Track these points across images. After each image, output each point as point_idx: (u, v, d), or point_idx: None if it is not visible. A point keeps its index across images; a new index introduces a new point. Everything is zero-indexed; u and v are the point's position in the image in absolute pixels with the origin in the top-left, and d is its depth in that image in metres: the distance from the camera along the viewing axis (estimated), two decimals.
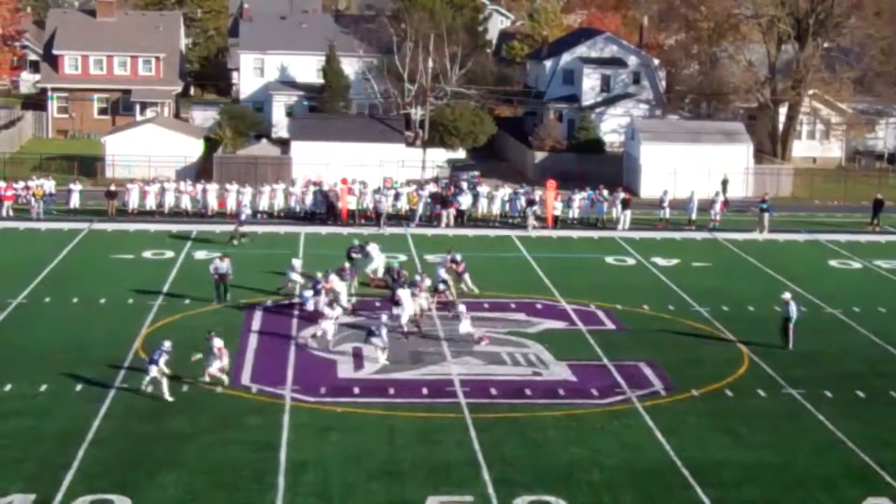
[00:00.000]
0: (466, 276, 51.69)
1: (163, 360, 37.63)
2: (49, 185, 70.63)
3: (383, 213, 67.64)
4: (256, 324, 46.50)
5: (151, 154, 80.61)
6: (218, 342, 38.65)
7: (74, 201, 70.13)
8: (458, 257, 52.10)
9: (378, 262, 53.22)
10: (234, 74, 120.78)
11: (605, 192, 71.28)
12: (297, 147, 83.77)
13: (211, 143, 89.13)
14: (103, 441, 33.67)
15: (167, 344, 38.23)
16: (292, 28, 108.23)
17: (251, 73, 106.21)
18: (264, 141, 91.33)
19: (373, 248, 53.75)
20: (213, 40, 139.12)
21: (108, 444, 33.49)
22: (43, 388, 38.07)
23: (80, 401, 37.01)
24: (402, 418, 36.18)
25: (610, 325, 47.83)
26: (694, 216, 70.38)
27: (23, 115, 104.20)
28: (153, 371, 37.52)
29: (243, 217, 62.41)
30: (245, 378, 39.69)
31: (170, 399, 37.18)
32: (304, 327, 45.58)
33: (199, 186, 71.33)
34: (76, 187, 71.23)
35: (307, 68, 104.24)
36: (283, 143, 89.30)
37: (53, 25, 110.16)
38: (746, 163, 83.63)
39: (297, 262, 51.12)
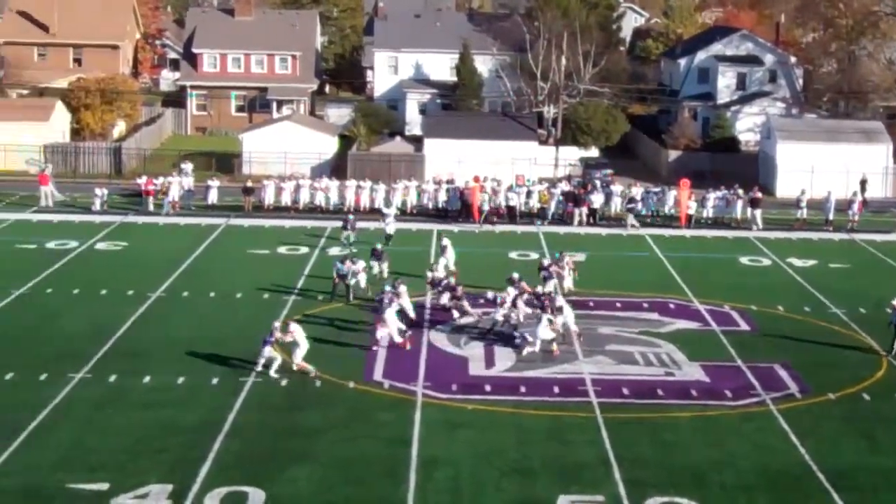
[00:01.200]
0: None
1: (275, 337, 38.83)
2: (188, 181, 71.88)
3: (485, 210, 67.72)
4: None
5: (287, 151, 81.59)
6: (278, 329, 39.47)
7: (212, 197, 71.29)
8: (547, 263, 51.39)
9: (450, 258, 52.74)
10: (369, 72, 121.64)
11: (741, 192, 70.57)
12: (430, 144, 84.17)
13: (345, 141, 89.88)
14: (239, 433, 34.17)
15: (277, 324, 39.33)
16: (426, 26, 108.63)
17: (385, 70, 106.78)
18: (398, 138, 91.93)
19: (447, 244, 53.58)
20: (349, 38, 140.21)
21: (243, 436, 33.98)
22: (180, 380, 38.74)
23: (217, 393, 37.59)
24: (533, 416, 36.17)
25: (744, 326, 47.32)
26: (831, 216, 69.36)
27: (163, 112, 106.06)
28: (267, 351, 38.79)
29: (352, 218, 61.88)
30: (377, 374, 39.99)
31: (274, 375, 38.41)
32: (436, 325, 45.84)
33: (334, 183, 72.05)
34: (214, 183, 72.38)
35: (441, 66, 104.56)
36: (417, 141, 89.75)
37: (193, 24, 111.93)
38: (886, 163, 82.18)
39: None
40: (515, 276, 46.74)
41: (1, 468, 31.25)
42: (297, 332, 39.47)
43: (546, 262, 51.30)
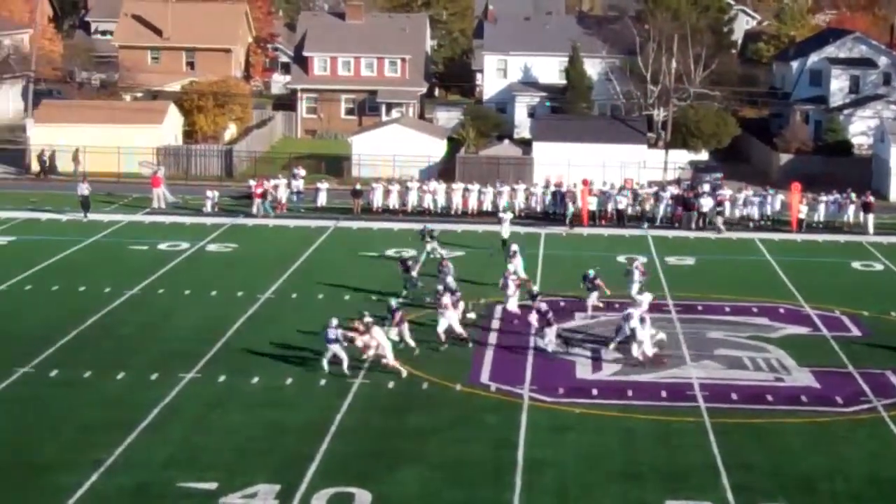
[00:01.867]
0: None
1: (337, 334, 39.42)
2: (297, 183, 72.53)
3: (569, 214, 67.35)
4: (496, 323, 46.75)
5: (396, 154, 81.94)
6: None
7: (321, 199, 71.82)
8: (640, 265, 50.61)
9: (518, 265, 51.53)
10: (478, 75, 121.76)
11: (853, 196, 69.65)
12: (539, 148, 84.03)
13: (454, 144, 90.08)
14: (345, 434, 34.38)
15: (334, 321, 39.76)
16: (536, 29, 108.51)
17: (494, 74, 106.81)
18: (506, 142, 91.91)
19: (516, 249, 52.66)
20: (458, 42, 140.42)
21: (350, 437, 34.19)
22: (289, 381, 39.06)
23: (324, 394, 37.85)
24: (641, 421, 36.00)
25: (855, 332, 46.64)
26: None
27: (274, 115, 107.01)
28: (335, 349, 39.36)
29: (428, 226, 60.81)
30: (484, 376, 40.02)
31: (347, 373, 39.04)
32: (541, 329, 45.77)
33: (441, 186, 72.23)
34: (323, 186, 72.97)
35: (550, 69, 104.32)
36: (525, 144, 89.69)
37: (304, 28, 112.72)
38: None
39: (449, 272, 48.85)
40: (535, 289, 46.43)
41: (113, 466, 31.75)
42: (377, 334, 39.71)
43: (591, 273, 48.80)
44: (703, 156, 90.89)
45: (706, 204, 68.59)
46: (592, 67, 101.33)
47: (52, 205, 69.82)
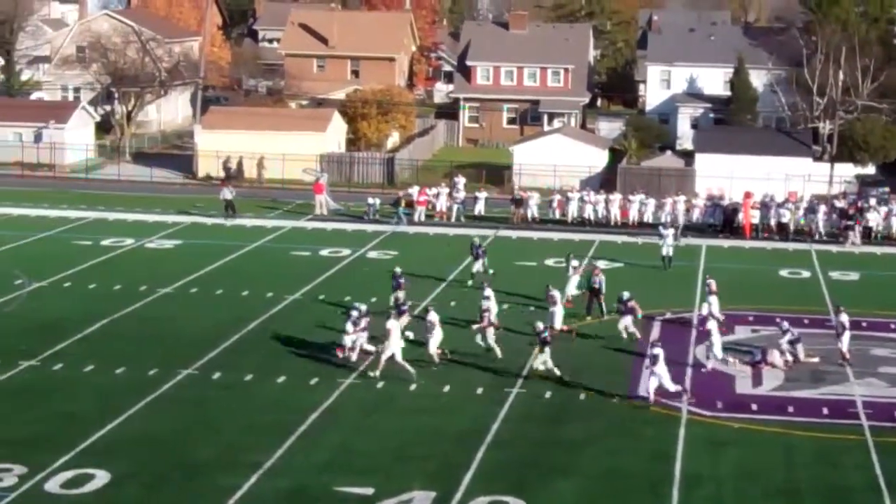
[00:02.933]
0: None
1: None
2: (459, 194, 72.74)
3: (680, 224, 66.52)
4: (655, 335, 46.36)
5: (557, 164, 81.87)
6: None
7: (479, 208, 72.01)
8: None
9: (574, 282, 50.95)
10: (641, 86, 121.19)
11: None
12: (702, 159, 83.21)
13: (615, 154, 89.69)
14: (502, 443, 34.47)
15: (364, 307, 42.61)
16: (700, 40, 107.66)
17: (658, 84, 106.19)
18: (668, 153, 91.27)
19: (577, 265, 52.26)
20: (621, 52, 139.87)
21: (506, 446, 34.26)
22: (446, 388, 39.27)
23: (482, 402, 37.99)
24: (801, 437, 35.47)
25: None
26: None
27: (436, 123, 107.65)
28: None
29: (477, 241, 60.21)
30: (642, 389, 39.74)
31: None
32: (703, 341, 45.34)
33: (601, 196, 71.88)
34: (482, 195, 73.12)
35: (714, 80, 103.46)
36: (688, 156, 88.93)
37: (468, 37, 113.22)
38: None
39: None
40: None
41: (271, 468, 32.25)
42: (393, 330, 40.47)
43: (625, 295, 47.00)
44: (870, 169, 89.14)
45: (873, 219, 67.35)
46: (758, 79, 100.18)
47: (217, 209, 70.98)
